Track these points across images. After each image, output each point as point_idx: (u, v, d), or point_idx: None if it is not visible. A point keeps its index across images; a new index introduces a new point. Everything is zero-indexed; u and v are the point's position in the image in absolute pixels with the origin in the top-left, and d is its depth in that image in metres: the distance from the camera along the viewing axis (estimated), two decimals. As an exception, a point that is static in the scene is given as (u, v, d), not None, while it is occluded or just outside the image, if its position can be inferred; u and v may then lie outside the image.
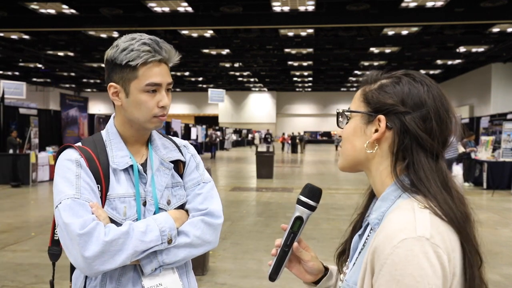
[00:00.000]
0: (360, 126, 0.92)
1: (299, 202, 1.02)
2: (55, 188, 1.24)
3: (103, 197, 1.27)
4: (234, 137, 39.52)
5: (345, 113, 0.96)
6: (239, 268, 4.92)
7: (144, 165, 1.36)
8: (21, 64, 26.93)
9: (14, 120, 14.16)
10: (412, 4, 14.38)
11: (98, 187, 1.26)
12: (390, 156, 0.88)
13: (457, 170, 14.66)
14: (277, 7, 15.11)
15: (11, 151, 12.63)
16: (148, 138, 1.41)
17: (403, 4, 14.31)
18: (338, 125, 0.98)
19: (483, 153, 12.56)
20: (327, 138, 47.69)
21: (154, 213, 1.31)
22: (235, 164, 20.35)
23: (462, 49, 21.53)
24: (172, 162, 1.40)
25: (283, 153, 29.76)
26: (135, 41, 1.26)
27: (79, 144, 1.34)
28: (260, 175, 13.72)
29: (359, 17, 14.89)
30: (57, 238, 1.34)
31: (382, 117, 0.88)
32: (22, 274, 4.72)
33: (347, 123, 0.96)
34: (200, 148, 28.12)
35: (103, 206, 1.26)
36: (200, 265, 4.55)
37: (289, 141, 31.38)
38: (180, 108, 47.60)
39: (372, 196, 1.00)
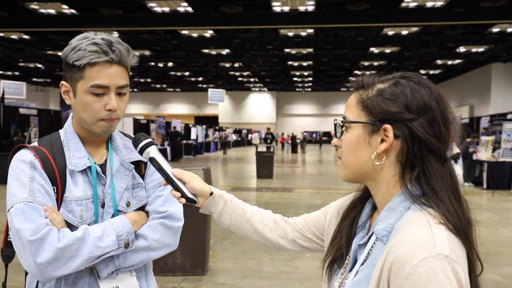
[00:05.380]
0: (363, 136, 0.87)
1: (140, 152, 1.14)
2: (8, 191, 1.19)
3: (59, 200, 1.22)
4: (234, 137, 39.53)
5: (345, 124, 0.91)
6: (239, 268, 4.92)
7: (103, 166, 1.32)
8: (21, 64, 26.92)
9: (14, 120, 14.15)
10: (412, 4, 14.37)
11: (54, 189, 1.22)
12: (398, 165, 0.85)
13: (458, 170, 14.73)
14: (277, 7, 15.10)
15: None
16: (109, 138, 1.37)
17: (403, 4, 14.31)
18: (335, 135, 0.94)
19: (483, 153, 12.56)
20: (327, 138, 47.64)
21: (113, 215, 1.28)
22: (235, 164, 20.35)
23: (462, 49, 21.52)
24: (133, 162, 1.36)
25: (283, 153, 29.77)
26: (86, 40, 1.21)
27: (35, 144, 1.29)
28: (260, 175, 13.70)
29: (359, 17, 14.89)
30: (10, 239, 1.30)
31: (388, 126, 0.84)
32: (22, 274, 4.69)
33: (342, 132, 0.91)
34: (200, 148, 28.12)
35: (58, 209, 1.22)
36: (200, 265, 4.55)
37: (289, 141, 31.45)
38: (180, 108, 47.63)
39: (360, 202, 0.98)
